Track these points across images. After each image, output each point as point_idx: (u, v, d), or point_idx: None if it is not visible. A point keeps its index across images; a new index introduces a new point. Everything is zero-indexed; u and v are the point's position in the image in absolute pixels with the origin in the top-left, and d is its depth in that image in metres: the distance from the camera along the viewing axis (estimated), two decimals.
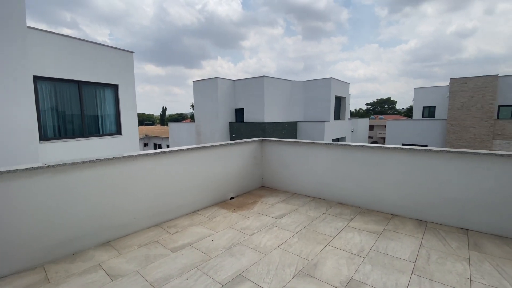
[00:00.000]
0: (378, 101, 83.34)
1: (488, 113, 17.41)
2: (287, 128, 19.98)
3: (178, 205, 3.82)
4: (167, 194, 3.66)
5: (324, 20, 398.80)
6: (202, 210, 4.12)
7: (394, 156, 3.73)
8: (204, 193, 4.21)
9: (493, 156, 3.01)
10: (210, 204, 4.31)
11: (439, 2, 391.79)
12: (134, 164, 3.26)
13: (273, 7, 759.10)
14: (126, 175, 3.18)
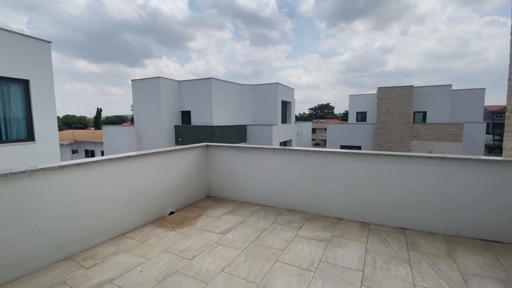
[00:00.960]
0: (319, 106, 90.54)
1: (406, 118, 20.28)
2: (236, 132, 19.76)
3: (99, 228, 3.10)
4: (83, 216, 2.92)
5: (270, 28, 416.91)
6: (133, 231, 3.46)
7: (338, 160, 3.76)
8: (135, 211, 3.55)
9: (423, 158, 3.23)
10: (143, 223, 3.66)
11: (366, 21, 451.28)
12: (31, 182, 2.47)
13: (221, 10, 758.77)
14: (19, 198, 2.38)
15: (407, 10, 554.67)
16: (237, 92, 20.95)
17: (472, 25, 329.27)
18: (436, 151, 19.38)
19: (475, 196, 3.02)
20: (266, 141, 19.95)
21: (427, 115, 21.89)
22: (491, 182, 2.94)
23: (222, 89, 19.01)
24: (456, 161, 3.07)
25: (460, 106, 22.03)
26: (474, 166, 3.00)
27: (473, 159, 2.97)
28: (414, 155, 3.26)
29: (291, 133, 24.34)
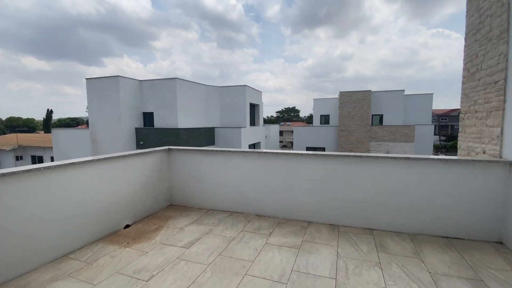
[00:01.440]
0: (285, 109, 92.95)
1: (365, 120, 21.63)
2: (204, 134, 19.16)
3: (35, 250, 2.57)
4: (13, 236, 2.38)
5: (237, 32, 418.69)
6: (79, 251, 2.95)
7: (308, 162, 3.68)
8: (82, 226, 3.04)
9: (389, 159, 3.29)
10: (92, 240, 3.16)
11: (328, 28, 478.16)
12: None
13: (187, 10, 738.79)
14: None
15: (364, 21, 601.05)
16: (204, 94, 20.40)
17: (420, 37, 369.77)
18: (392, 151, 20.96)
19: (437, 195, 3.14)
20: (235, 144, 19.68)
21: (383, 118, 23.61)
22: (451, 180, 3.07)
23: (187, 90, 18.31)
24: (419, 161, 3.17)
25: (411, 110, 24.19)
26: (435, 165, 3.12)
27: (434, 159, 3.09)
28: (381, 156, 3.31)
29: (259, 136, 24.40)
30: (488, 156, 3.23)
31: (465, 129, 3.94)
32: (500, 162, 2.86)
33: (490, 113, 3.24)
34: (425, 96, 24.52)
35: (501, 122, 3.00)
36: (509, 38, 2.87)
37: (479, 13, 3.50)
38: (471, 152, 3.71)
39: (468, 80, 3.83)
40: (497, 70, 3.07)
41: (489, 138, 3.26)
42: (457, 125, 65.32)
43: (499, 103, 3.03)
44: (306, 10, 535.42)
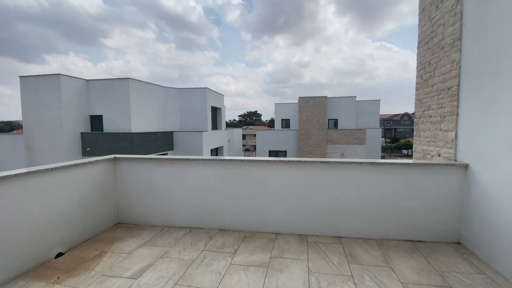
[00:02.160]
0: (248, 113, 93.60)
1: (322, 124, 22.69)
2: (161, 139, 17.93)
3: None
4: None
5: (198, 34, 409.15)
6: None
7: (275, 169, 3.43)
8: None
9: (355, 164, 3.21)
10: (10, 277, 2.43)
11: (286, 36, 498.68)
12: None
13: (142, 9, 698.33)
14: None
15: (319, 31, 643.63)
16: (162, 96, 19.19)
17: (367, 48, 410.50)
18: (346, 153, 22.33)
19: (400, 199, 3.15)
20: (196, 149, 18.84)
21: (338, 122, 25.10)
22: (412, 184, 3.11)
23: (142, 91, 16.98)
24: (383, 166, 3.16)
25: (362, 114, 26.20)
26: (398, 169, 3.13)
27: (397, 163, 3.10)
28: (348, 161, 3.22)
29: (222, 140, 23.83)
30: (444, 159, 3.38)
31: (419, 133, 4.13)
32: (456, 165, 2.98)
33: (444, 117, 3.40)
34: (373, 102, 26.81)
35: (455, 126, 3.15)
36: (461, 46, 3.03)
37: (431, 23, 3.70)
38: (426, 155, 3.88)
39: (422, 86, 4.03)
40: (450, 77, 3.24)
41: (443, 141, 3.41)
42: (399, 128, 73.30)
43: (453, 108, 3.18)
44: (265, 18, 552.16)
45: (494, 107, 2.55)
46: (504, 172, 2.40)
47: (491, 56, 2.57)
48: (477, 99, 2.78)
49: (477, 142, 2.79)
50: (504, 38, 2.40)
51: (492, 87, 2.56)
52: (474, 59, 2.82)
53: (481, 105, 2.73)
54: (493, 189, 2.56)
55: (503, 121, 2.42)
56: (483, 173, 2.70)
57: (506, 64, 2.38)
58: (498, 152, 2.48)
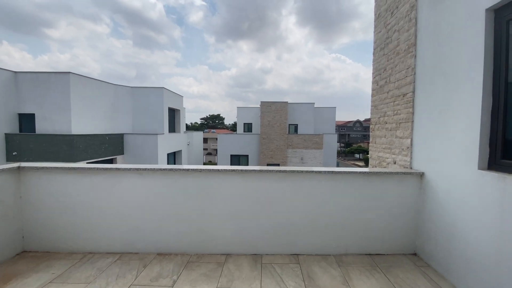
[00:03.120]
0: (210, 116, 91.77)
1: (283, 129, 23.02)
2: (109, 142, 16.13)
3: None
4: None
5: (158, 32, 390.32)
6: None
7: (226, 180, 2.97)
8: None
9: (313, 173, 2.93)
10: None
11: (250, 42, 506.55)
12: None
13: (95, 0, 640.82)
14: None
15: (281, 40, 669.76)
16: (111, 94, 17.35)
17: (324, 59, 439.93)
18: (306, 157, 22.97)
19: (359, 210, 2.95)
20: (150, 153, 17.41)
21: (298, 127, 25.79)
22: (371, 193, 2.93)
23: (87, 88, 15.12)
24: (342, 175, 2.93)
25: (320, 120, 27.36)
26: (357, 178, 2.93)
27: (357, 171, 2.90)
28: (306, 170, 2.91)
29: (180, 143, 22.55)
30: (399, 167, 3.31)
31: (375, 139, 4.08)
32: (412, 173, 2.88)
33: (399, 124, 3.34)
34: (330, 109, 28.25)
35: (410, 134, 3.09)
36: (416, 52, 2.98)
37: (386, 29, 3.67)
38: (382, 162, 3.82)
39: (377, 93, 3.99)
40: (405, 83, 3.18)
41: (399, 149, 3.35)
42: (352, 134, 79.42)
43: (408, 115, 3.12)
44: (229, 22, 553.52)
45: (447, 113, 2.48)
46: (460, 180, 2.32)
47: (444, 61, 2.52)
48: (431, 105, 2.72)
49: (432, 149, 2.73)
50: (457, 43, 2.34)
51: (445, 92, 2.50)
52: (429, 64, 2.76)
53: (435, 111, 2.66)
54: (449, 197, 2.47)
55: (457, 127, 2.35)
56: (438, 181, 2.63)
57: (458, 68, 2.32)
58: (453, 159, 2.41)
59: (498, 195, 1.88)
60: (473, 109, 2.12)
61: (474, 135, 2.12)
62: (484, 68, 2.01)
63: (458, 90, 2.31)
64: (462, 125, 2.26)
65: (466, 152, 2.21)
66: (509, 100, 1.91)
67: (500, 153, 1.95)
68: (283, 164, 22.86)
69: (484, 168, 2.07)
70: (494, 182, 1.91)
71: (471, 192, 2.16)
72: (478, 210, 2.07)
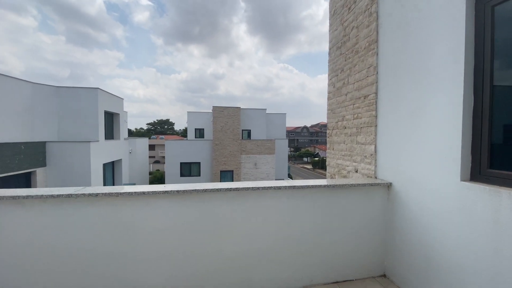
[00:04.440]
0: (158, 121, 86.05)
1: (236, 135, 22.55)
2: (25, 152, 13.20)
3: None
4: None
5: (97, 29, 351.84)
6: None
7: (156, 206, 2.17)
8: None
9: (272, 189, 2.35)
10: None
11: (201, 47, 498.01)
12: None
13: None
14: None
15: (232, 47, 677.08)
16: (28, 95, 14.35)
17: (273, 68, 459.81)
18: (259, 162, 22.85)
19: (324, 231, 2.48)
20: (81, 164, 14.86)
21: (251, 133, 25.64)
22: (338, 210, 2.50)
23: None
24: (304, 190, 2.42)
25: (271, 126, 27.74)
26: (322, 193, 2.46)
27: (321, 185, 2.42)
28: (262, 187, 2.32)
29: (120, 151, 20.00)
30: (362, 176, 2.99)
31: (333, 145, 3.77)
32: (380, 184, 2.55)
33: (360, 129, 3.04)
34: (280, 115, 28.93)
35: (374, 139, 2.79)
36: (378, 49, 2.71)
37: (343, 26, 3.40)
38: (341, 170, 3.50)
39: (334, 95, 3.70)
40: (367, 84, 2.90)
41: (361, 156, 3.04)
42: (300, 139, 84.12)
43: (371, 118, 2.83)
44: (179, 25, 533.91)
45: (418, 116, 2.20)
46: (437, 192, 2.01)
47: (413, 58, 2.24)
48: (399, 108, 2.44)
49: (401, 156, 2.43)
50: (429, 36, 2.07)
51: (415, 93, 2.22)
52: (393, 62, 2.49)
53: (403, 115, 2.38)
54: (422, 212, 2.17)
55: (432, 131, 2.06)
56: (409, 193, 2.32)
57: (432, 64, 2.04)
58: (428, 167, 2.11)
59: (490, 211, 1.58)
60: (452, 110, 1.83)
61: (454, 140, 1.83)
62: (465, 64, 1.74)
63: (433, 89, 2.03)
64: (439, 128, 1.97)
65: (445, 160, 1.92)
66: (495, 99, 1.65)
67: (487, 161, 1.68)
68: (237, 170, 22.31)
69: (467, 179, 1.79)
70: (485, 196, 1.61)
71: (453, 207, 1.85)
72: (464, 228, 1.76)
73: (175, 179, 22.30)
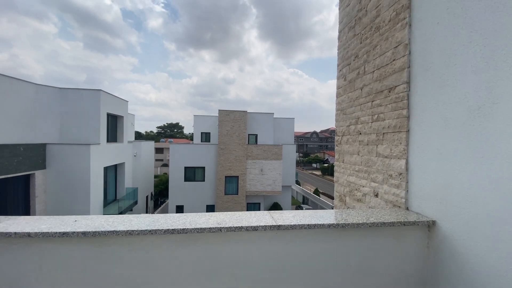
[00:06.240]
0: (168, 125, 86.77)
1: (242, 139, 21.79)
2: (24, 154, 12.87)
3: None
4: None
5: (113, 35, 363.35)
6: None
7: None
8: None
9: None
10: None
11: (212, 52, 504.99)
12: None
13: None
14: None
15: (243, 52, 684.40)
16: (30, 96, 14.12)
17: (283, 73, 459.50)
18: (265, 168, 21.91)
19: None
20: (80, 167, 14.43)
21: (258, 138, 24.81)
22: (335, 262, 1.60)
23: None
24: (297, 231, 1.55)
25: (279, 131, 26.82)
26: (324, 235, 1.57)
27: (324, 225, 1.54)
28: (225, 227, 1.46)
29: (124, 155, 19.59)
30: (386, 204, 2.07)
31: (343, 156, 2.87)
32: (416, 223, 1.63)
33: (383, 135, 2.14)
34: (288, 120, 27.96)
35: (404, 151, 1.88)
36: (412, 18, 1.83)
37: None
38: (354, 191, 2.59)
39: (345, 91, 2.81)
40: (392, 71, 2.01)
41: (383, 174, 2.13)
42: (310, 145, 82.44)
43: (399, 120, 1.93)
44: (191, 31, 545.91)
45: (485, 116, 1.31)
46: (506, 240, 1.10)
47: (479, 20, 1.35)
48: (448, 103, 1.54)
49: (451, 178, 1.52)
50: None
51: (482, 78, 1.33)
52: (441, 33, 1.60)
53: (457, 113, 1.48)
54: (485, 274, 1.26)
55: (506, 139, 1.16)
56: (466, 240, 1.41)
57: None
58: (491, 198, 1.21)
59: None
60: None
61: None
62: None
63: (504, 75, 1.15)
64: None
65: None
66: None
67: None
68: (243, 176, 21.52)
69: None
70: None
71: None
72: None
73: (179, 184, 21.77)
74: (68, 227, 1.33)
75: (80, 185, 14.85)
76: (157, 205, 27.71)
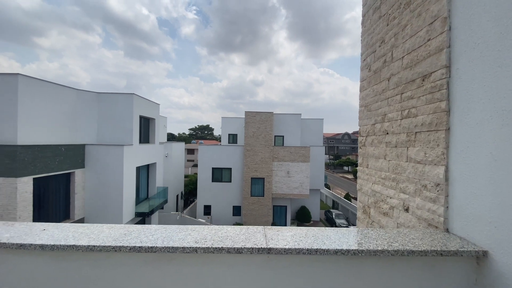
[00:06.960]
0: (199, 127, 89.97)
1: (268, 141, 21.52)
2: (65, 154, 14.06)
3: None
4: None
5: (150, 43, 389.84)
6: None
7: None
8: None
9: None
10: None
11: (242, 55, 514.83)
12: None
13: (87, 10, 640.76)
14: None
15: (272, 54, 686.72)
16: (72, 100, 15.43)
17: (313, 73, 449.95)
18: (291, 170, 21.34)
19: None
20: (115, 167, 15.39)
21: (284, 139, 24.34)
22: None
23: (41, 93, 13.18)
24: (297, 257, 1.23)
25: (306, 132, 26.03)
26: (336, 263, 1.24)
27: (330, 250, 1.20)
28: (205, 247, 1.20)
29: (155, 155, 20.52)
30: (418, 221, 1.65)
31: (367, 161, 2.44)
32: (461, 253, 1.21)
33: (415, 135, 1.71)
34: (317, 121, 27.00)
35: (443, 155, 1.46)
36: None
37: None
38: (380, 203, 2.17)
39: (370, 83, 2.39)
40: (427, 54, 1.59)
41: (416, 184, 1.70)
42: (341, 147, 78.98)
43: (437, 116, 1.50)
44: (222, 35, 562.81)
45: None
46: None
47: None
48: (504, 94, 1.11)
49: (508, 194, 1.09)
50: None
51: None
52: (490, 2, 1.18)
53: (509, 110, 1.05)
54: None
55: None
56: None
57: None
58: None
59: None
60: None
61: None
62: None
63: None
64: None
65: None
66: None
67: None
68: (269, 178, 21.24)
69: None
70: None
71: None
72: None
73: (207, 184, 22.30)
74: (30, 237, 1.18)
75: (114, 184, 15.79)
76: (187, 204, 28.58)
